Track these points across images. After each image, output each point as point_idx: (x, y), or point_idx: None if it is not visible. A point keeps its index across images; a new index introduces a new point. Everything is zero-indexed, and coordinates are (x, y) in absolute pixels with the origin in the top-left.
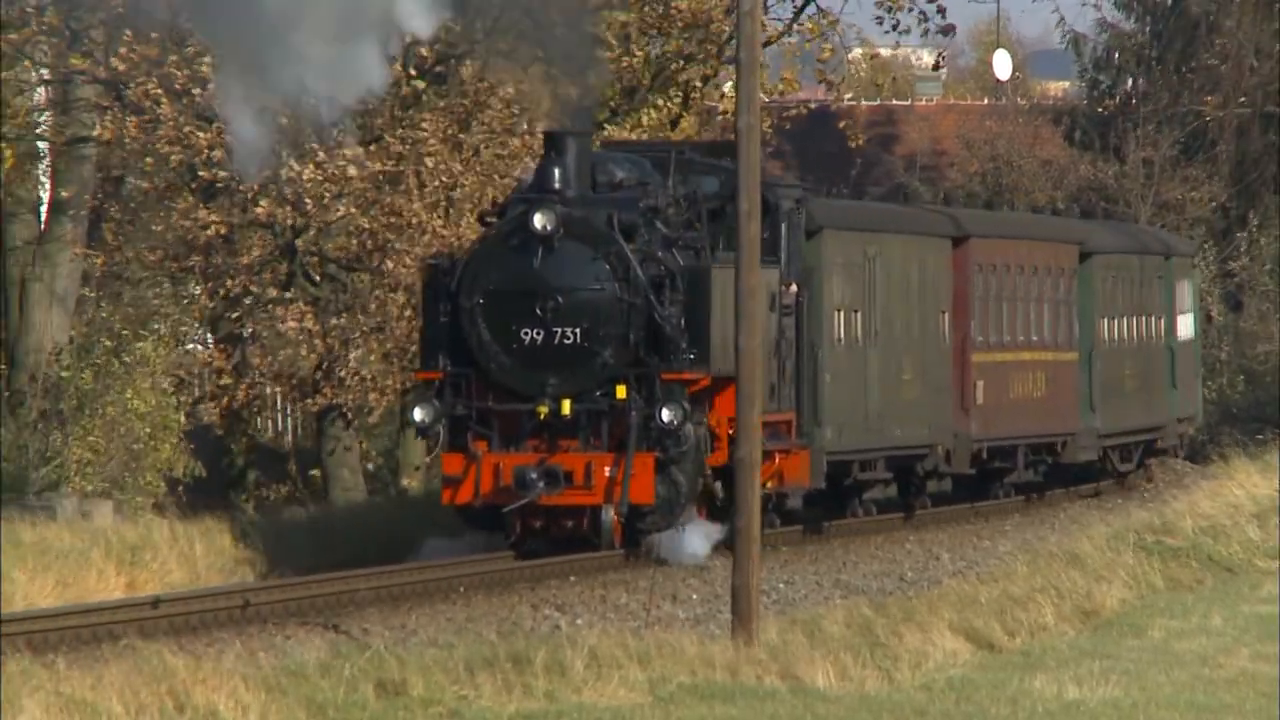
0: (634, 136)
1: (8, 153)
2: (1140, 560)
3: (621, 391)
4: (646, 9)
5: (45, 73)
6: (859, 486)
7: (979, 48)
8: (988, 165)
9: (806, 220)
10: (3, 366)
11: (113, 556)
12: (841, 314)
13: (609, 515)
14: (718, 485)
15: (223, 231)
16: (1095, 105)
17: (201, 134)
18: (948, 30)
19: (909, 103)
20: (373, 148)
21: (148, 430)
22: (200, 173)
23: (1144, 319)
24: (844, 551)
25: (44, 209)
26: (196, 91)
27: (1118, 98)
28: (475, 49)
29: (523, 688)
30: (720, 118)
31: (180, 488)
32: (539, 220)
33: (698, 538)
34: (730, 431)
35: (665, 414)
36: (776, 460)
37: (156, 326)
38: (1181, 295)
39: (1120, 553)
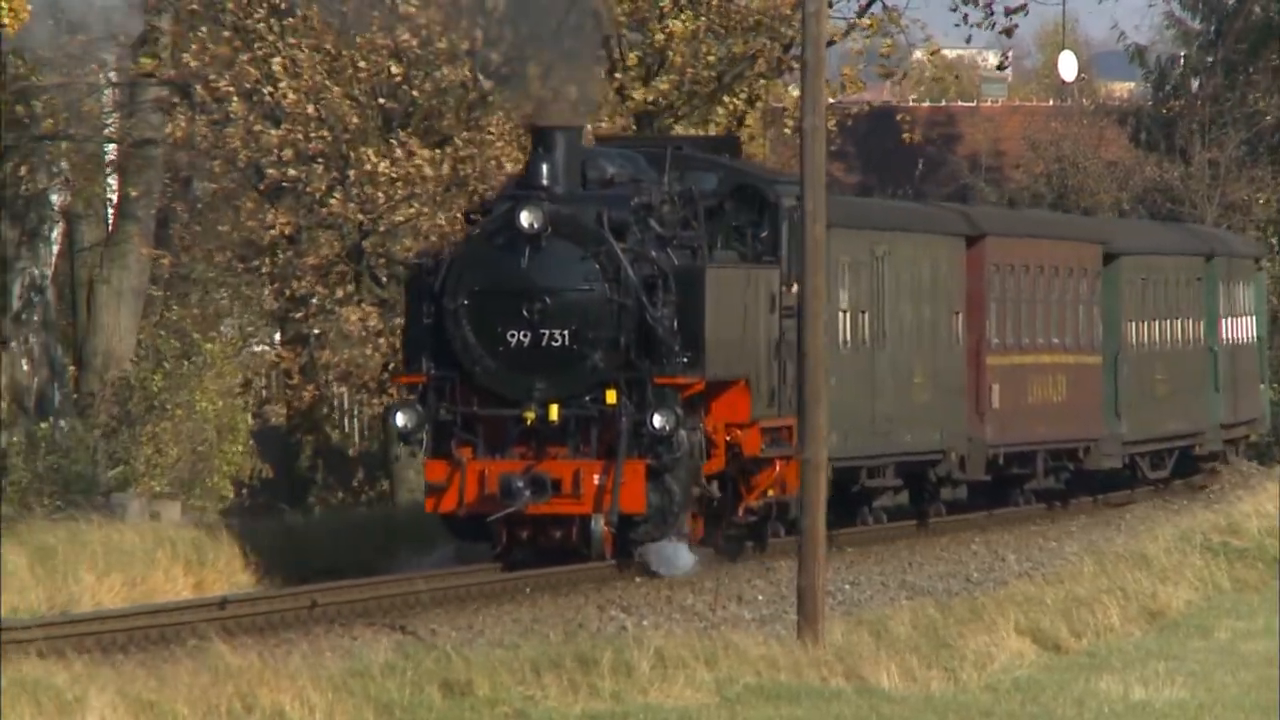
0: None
1: (65, 146)
2: (1207, 561)
3: (612, 396)
4: (713, 11)
5: (113, 75)
6: (868, 494)
7: (1045, 49)
8: (1053, 166)
9: None
10: (72, 367)
11: (180, 557)
12: (848, 315)
13: (599, 525)
14: (713, 486)
15: (288, 232)
16: (1160, 106)
17: (273, 132)
18: (1010, 31)
19: (974, 104)
20: (448, 149)
21: (215, 432)
22: (269, 171)
23: (1179, 322)
24: (909, 552)
25: (111, 210)
26: (267, 90)
27: (1183, 99)
28: (541, 53)
29: (589, 688)
30: (788, 125)
31: (245, 489)
32: (526, 218)
33: (685, 551)
34: (728, 437)
35: (657, 420)
36: (778, 467)
37: (223, 328)
38: (1238, 297)
39: (1186, 554)
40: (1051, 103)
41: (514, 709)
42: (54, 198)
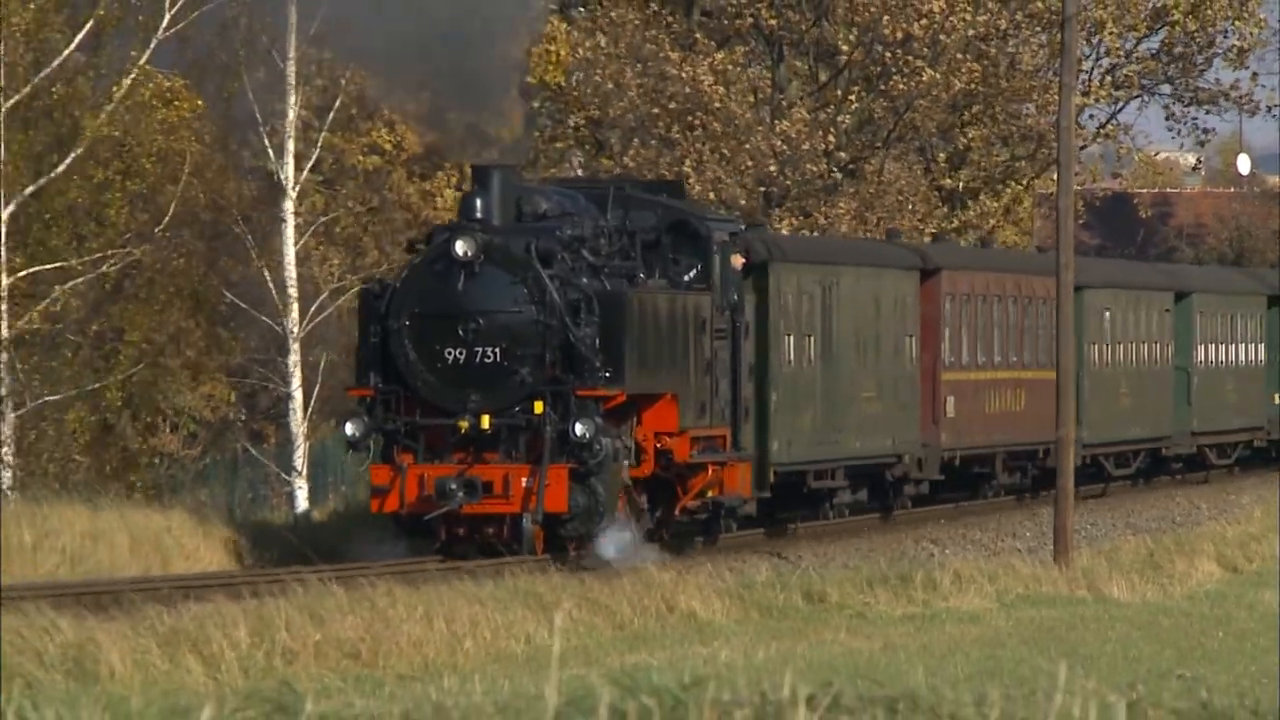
0: (995, 207)
1: None
2: None
3: (539, 407)
4: (999, 125)
5: (579, 171)
6: (828, 493)
7: (1223, 152)
8: (1233, 234)
9: (754, 254)
10: None
11: None
12: (792, 338)
13: (530, 523)
14: (644, 498)
15: None
16: None
17: None
18: (1205, 137)
19: (1178, 190)
20: (809, 220)
21: None
22: None
23: (1144, 345)
24: (1131, 502)
25: None
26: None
27: None
28: (876, 153)
29: (907, 597)
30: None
31: None
32: (460, 247)
33: (613, 544)
34: (658, 445)
35: (579, 428)
36: (711, 471)
37: None
38: (1229, 327)
39: None
40: (1231, 189)
41: (855, 611)
42: None
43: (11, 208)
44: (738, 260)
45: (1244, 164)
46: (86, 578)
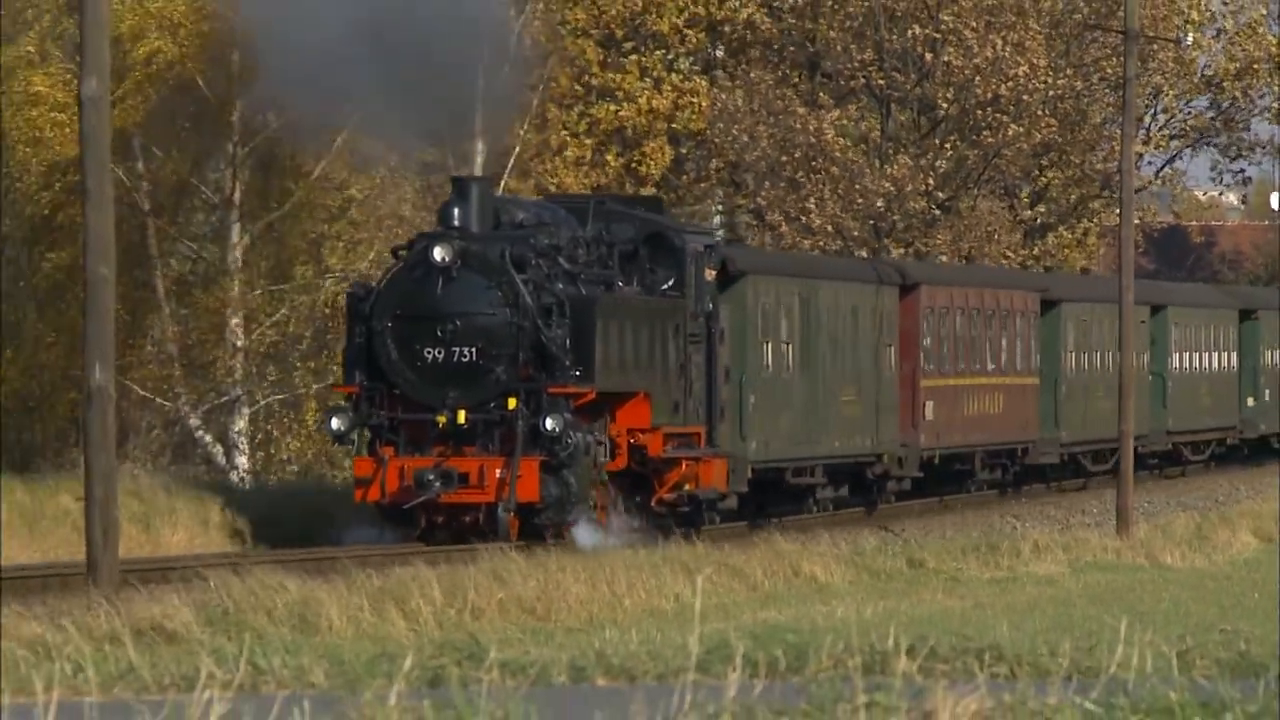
0: (1069, 239)
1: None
2: None
3: (512, 403)
4: (1068, 171)
5: (720, 206)
6: (808, 489)
7: (1259, 190)
8: (1268, 259)
9: (730, 266)
10: None
11: None
12: (769, 345)
13: (504, 512)
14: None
15: None
16: None
17: (805, 243)
18: (1246, 181)
19: (1222, 223)
20: (911, 248)
21: None
22: None
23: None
24: (1183, 485)
25: None
26: (801, 217)
27: None
28: (967, 194)
29: (994, 563)
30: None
31: None
32: (439, 253)
33: (587, 532)
34: (632, 440)
35: (549, 423)
36: (685, 466)
37: None
38: (1204, 337)
39: None
40: (1266, 222)
41: (949, 575)
42: None
43: (247, 238)
44: (710, 271)
45: (1276, 201)
46: (309, 547)
